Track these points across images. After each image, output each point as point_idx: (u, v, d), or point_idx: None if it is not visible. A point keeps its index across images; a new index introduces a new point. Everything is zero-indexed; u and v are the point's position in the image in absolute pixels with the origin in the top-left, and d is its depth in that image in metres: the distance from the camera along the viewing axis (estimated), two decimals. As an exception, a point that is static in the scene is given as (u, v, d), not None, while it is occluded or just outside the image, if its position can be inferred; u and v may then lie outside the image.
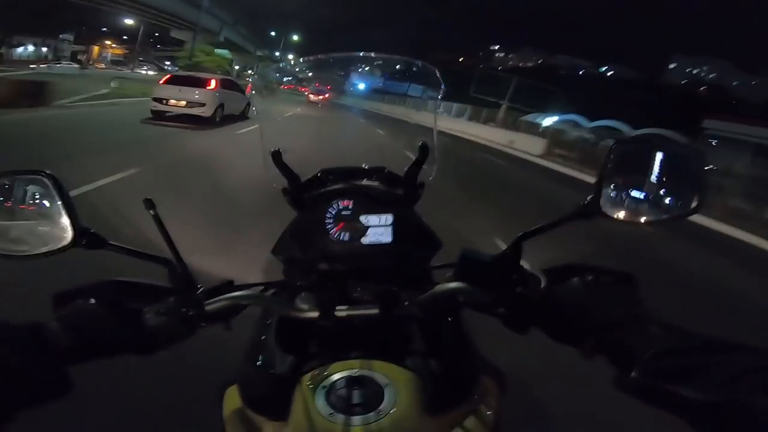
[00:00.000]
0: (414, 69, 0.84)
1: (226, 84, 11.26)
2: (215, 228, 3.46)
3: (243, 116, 12.15)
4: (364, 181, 0.78)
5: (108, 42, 54.69)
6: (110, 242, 0.53)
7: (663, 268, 4.34)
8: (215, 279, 0.61)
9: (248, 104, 12.41)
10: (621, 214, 0.54)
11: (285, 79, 0.94)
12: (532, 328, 0.56)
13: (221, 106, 10.76)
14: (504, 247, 0.59)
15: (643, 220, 0.54)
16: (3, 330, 0.44)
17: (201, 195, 4.61)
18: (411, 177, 0.74)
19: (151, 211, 0.55)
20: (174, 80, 10.67)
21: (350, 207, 0.74)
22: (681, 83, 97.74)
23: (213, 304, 0.57)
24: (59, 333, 0.47)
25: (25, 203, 0.52)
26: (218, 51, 46.28)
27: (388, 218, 0.74)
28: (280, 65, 0.97)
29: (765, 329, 2.87)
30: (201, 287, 0.58)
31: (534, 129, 21.88)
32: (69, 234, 0.51)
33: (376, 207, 0.74)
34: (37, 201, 0.52)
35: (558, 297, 0.54)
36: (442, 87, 0.78)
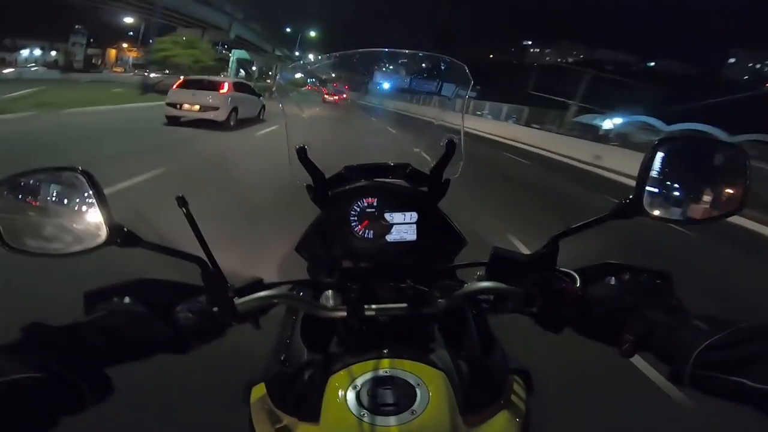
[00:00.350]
0: (442, 66, 0.87)
1: (239, 87, 11.59)
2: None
3: (258, 119, 12.43)
4: (389, 178, 0.80)
5: (125, 45, 56.10)
6: (144, 240, 0.55)
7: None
8: (245, 277, 0.64)
9: (263, 107, 12.63)
10: (663, 214, 0.56)
11: (309, 80, 0.98)
12: (566, 327, 0.59)
13: (235, 109, 11.02)
14: None
15: (685, 219, 0.57)
16: (45, 334, 0.46)
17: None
18: (436, 174, 0.75)
19: (184, 209, 0.56)
20: (187, 84, 11.01)
21: (375, 204, 0.76)
22: (743, 79, 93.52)
23: (244, 303, 0.60)
24: (98, 336, 0.49)
25: (59, 200, 0.54)
26: (236, 52, 45.62)
27: (412, 216, 0.76)
28: (300, 63, 1.02)
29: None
30: (231, 285, 0.60)
31: (605, 136, 18.46)
32: (103, 232, 0.53)
33: (401, 204, 0.76)
34: (71, 198, 0.54)
35: (594, 296, 0.57)
36: (471, 83, 0.82)
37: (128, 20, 41.39)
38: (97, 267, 1.13)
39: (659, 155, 0.55)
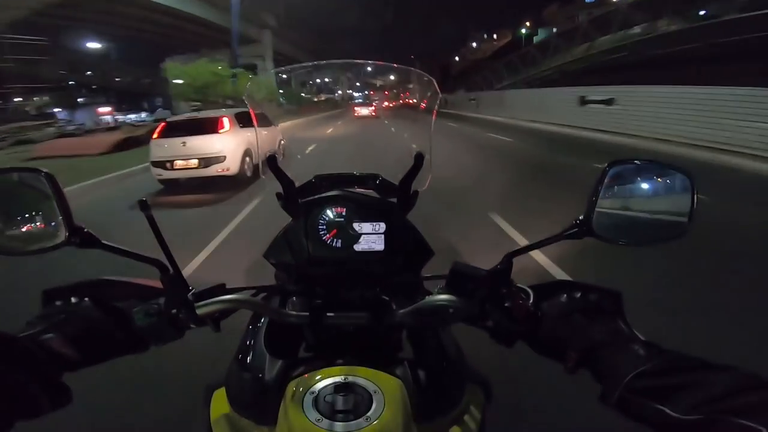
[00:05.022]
0: (414, 78, 0.98)
1: (243, 118, 8.26)
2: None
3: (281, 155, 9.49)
4: (358, 189, 0.86)
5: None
6: (103, 242, 0.56)
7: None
8: (207, 282, 0.64)
9: (281, 140, 9.76)
10: (611, 235, 0.59)
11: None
12: (519, 341, 0.62)
13: (248, 153, 8.11)
14: None
15: (632, 241, 0.60)
16: (2, 342, 0.47)
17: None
18: (405, 185, 0.80)
19: (146, 213, 0.58)
20: (171, 130, 7.93)
21: (343, 214, 0.80)
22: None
23: (203, 307, 0.61)
24: (56, 343, 0.51)
25: (19, 200, 0.57)
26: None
27: (380, 226, 0.80)
28: (272, 71, 1.08)
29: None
30: (192, 289, 0.62)
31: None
32: (62, 232, 0.55)
33: (370, 215, 0.80)
34: (32, 199, 0.56)
35: (545, 312, 0.60)
36: (439, 95, 0.92)
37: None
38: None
39: (609, 177, 0.58)
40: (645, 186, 0.59)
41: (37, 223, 0.56)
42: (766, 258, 3.64)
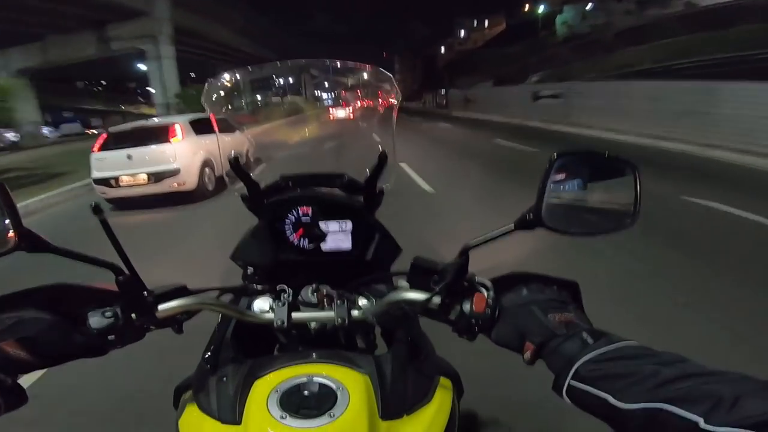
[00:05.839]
0: (373, 75, 0.95)
1: (200, 125, 6.91)
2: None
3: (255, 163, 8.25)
4: (324, 188, 0.85)
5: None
6: (54, 245, 0.54)
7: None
8: (168, 284, 0.62)
9: (248, 147, 8.48)
10: (560, 226, 0.58)
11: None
12: (480, 334, 0.61)
13: (208, 164, 6.87)
14: None
15: (581, 231, 0.61)
16: None
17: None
18: (371, 184, 0.80)
19: (99, 217, 0.57)
20: (114, 141, 6.67)
21: (309, 213, 0.80)
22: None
23: (164, 309, 0.60)
24: (9, 345, 0.50)
25: None
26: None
27: (347, 225, 0.80)
28: (227, 75, 0.91)
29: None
30: (152, 291, 0.60)
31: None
32: (11, 237, 0.53)
33: (336, 213, 0.81)
34: None
35: (503, 305, 0.60)
36: (399, 96, 0.90)
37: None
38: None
39: (557, 168, 0.58)
40: (591, 176, 0.59)
41: None
42: None
